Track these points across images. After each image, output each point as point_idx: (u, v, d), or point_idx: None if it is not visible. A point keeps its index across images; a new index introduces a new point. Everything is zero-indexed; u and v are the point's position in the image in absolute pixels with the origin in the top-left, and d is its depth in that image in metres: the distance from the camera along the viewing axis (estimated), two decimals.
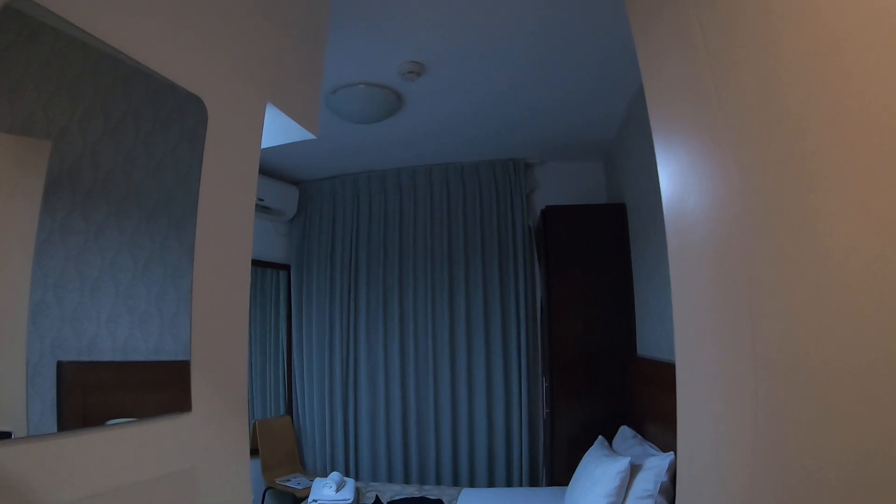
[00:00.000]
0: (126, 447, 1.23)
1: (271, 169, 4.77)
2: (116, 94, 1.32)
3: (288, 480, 4.27)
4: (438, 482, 4.33)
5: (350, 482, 3.68)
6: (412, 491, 3.80)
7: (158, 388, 1.37)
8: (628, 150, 3.69)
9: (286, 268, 5.18)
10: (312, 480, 3.84)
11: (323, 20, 2.12)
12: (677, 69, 1.00)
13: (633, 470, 2.63)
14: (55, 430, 1.11)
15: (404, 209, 4.76)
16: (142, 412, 1.30)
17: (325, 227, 5.04)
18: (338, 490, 3.52)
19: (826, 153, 0.70)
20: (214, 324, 1.51)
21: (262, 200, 4.61)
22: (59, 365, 1.16)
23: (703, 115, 0.91)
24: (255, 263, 4.83)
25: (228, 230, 1.59)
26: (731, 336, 0.93)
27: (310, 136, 2.03)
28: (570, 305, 3.87)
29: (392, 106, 3.28)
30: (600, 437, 3.31)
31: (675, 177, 1.05)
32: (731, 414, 0.94)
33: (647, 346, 3.47)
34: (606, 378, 3.74)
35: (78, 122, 1.24)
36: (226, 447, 1.50)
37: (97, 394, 1.26)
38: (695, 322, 1.00)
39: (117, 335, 1.30)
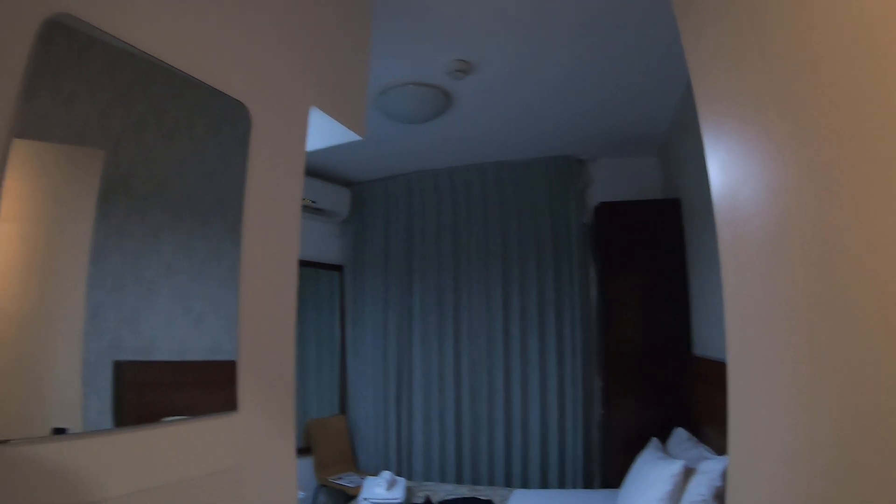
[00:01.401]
0: (177, 445, 1.27)
1: (323, 171, 4.85)
2: (169, 101, 1.36)
3: (341, 478, 4.34)
4: (491, 483, 4.31)
5: (401, 481, 3.71)
6: (464, 491, 3.80)
7: (210, 387, 1.40)
8: (682, 144, 3.60)
9: (340, 269, 5.26)
10: (364, 479, 3.88)
11: (366, 21, 2.14)
12: (724, 52, 0.96)
13: (688, 473, 2.55)
14: (111, 426, 1.15)
15: (458, 208, 4.75)
16: (193, 411, 1.34)
17: (379, 227, 5.08)
18: (389, 489, 3.55)
19: (888, 140, 0.66)
20: (261, 325, 1.54)
21: (314, 202, 4.68)
22: (117, 364, 1.20)
23: (754, 101, 0.87)
24: (310, 265, 4.92)
25: (274, 232, 1.62)
26: (787, 333, 0.89)
27: (356, 137, 2.05)
28: (624, 303, 3.78)
29: (441, 105, 3.28)
30: (654, 438, 3.23)
31: (725, 167, 1.01)
32: (787, 411, 0.90)
33: (703, 345, 3.37)
34: (662, 378, 3.65)
35: (132, 129, 1.28)
36: (272, 446, 1.53)
37: (153, 392, 1.30)
38: (747, 319, 0.96)
39: (174, 336, 1.34)
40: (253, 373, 1.48)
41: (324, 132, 1.99)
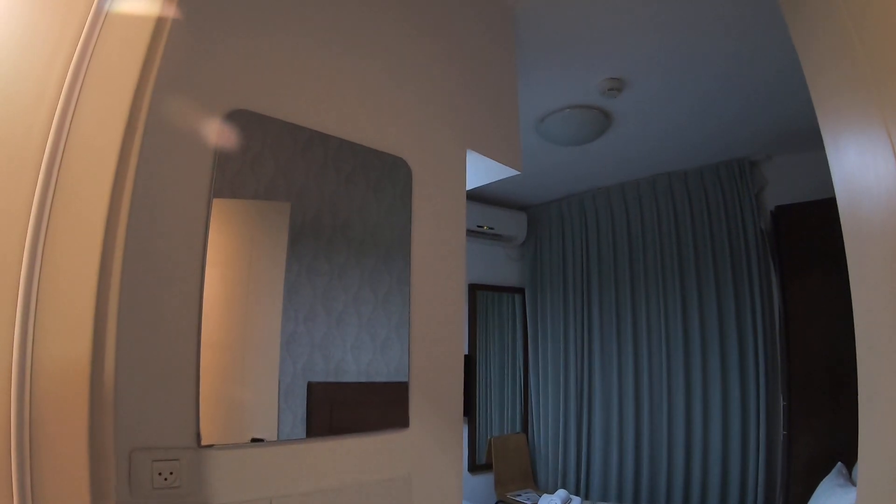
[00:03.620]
0: (356, 454, 1.46)
1: (498, 198, 5.03)
2: (345, 151, 1.54)
3: (519, 495, 4.42)
4: None
5: (576, 501, 3.70)
6: None
7: (390, 405, 1.56)
8: None
9: (521, 291, 5.39)
10: (541, 496, 3.92)
11: (511, 60, 2.25)
12: (835, 59, 0.92)
13: None
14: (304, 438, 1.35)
15: (631, 223, 4.65)
16: (375, 426, 1.51)
17: (555, 248, 5.14)
18: None
19: None
20: (430, 349, 1.69)
21: (492, 229, 4.87)
22: (310, 385, 1.40)
23: (867, 112, 0.84)
24: (491, 288, 5.11)
25: (440, 264, 1.77)
26: None
27: (515, 172, 2.14)
28: (809, 315, 3.42)
29: (601, 124, 3.30)
30: (839, 463, 2.88)
31: (847, 179, 0.96)
32: None
33: None
34: (851, 397, 3.22)
35: (314, 180, 1.48)
36: (439, 460, 1.67)
37: (341, 409, 1.48)
38: (875, 339, 0.91)
39: (361, 360, 1.51)
40: (423, 393, 1.64)
41: (483, 170, 2.12)
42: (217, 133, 1.27)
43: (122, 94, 0.71)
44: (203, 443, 1.13)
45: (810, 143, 3.80)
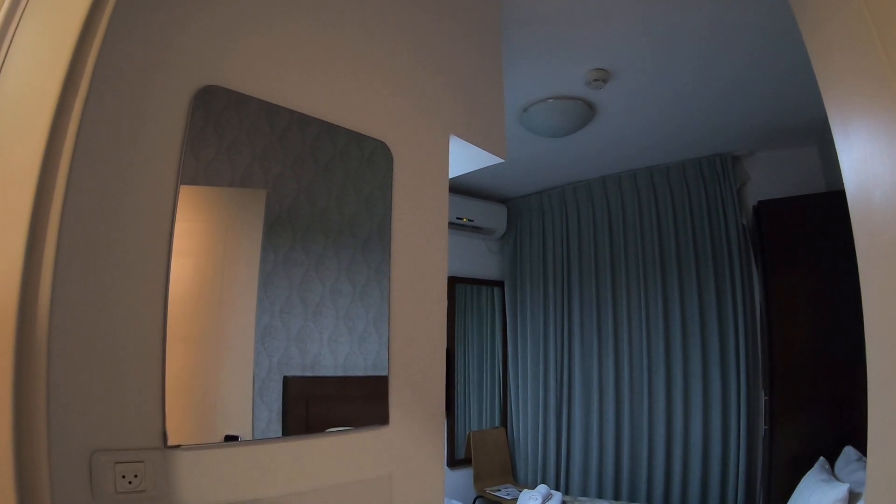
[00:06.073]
0: (335, 453, 1.39)
1: (478, 189, 4.99)
2: (324, 138, 1.48)
3: (498, 490, 4.41)
4: (649, 500, 4.13)
5: (557, 496, 3.69)
6: None
7: (369, 401, 1.50)
8: None
9: (500, 284, 5.35)
10: (521, 491, 3.90)
11: (497, 46, 2.20)
12: (847, 48, 0.89)
13: (853, 498, 2.25)
14: (280, 435, 1.28)
15: (612, 217, 4.65)
16: (354, 422, 1.45)
17: (536, 241, 5.12)
18: (544, 503, 3.54)
19: None
20: (411, 343, 1.63)
21: (472, 221, 4.83)
22: (286, 380, 1.34)
23: (881, 100, 0.80)
24: (471, 281, 5.07)
25: (422, 254, 1.71)
26: None
27: (499, 160, 2.09)
28: (791, 310, 3.42)
29: (584, 115, 3.26)
30: (821, 458, 2.88)
31: (857, 167, 0.92)
32: None
33: None
34: (832, 392, 3.17)
35: (292, 167, 1.42)
36: (421, 458, 1.61)
37: (318, 405, 1.42)
38: (888, 334, 0.87)
39: (338, 353, 1.45)
40: (403, 388, 1.58)
41: (466, 158, 2.07)
42: (186, 111, 1.19)
43: (58, 56, 0.63)
44: (170, 443, 1.05)
45: (793, 140, 3.85)
